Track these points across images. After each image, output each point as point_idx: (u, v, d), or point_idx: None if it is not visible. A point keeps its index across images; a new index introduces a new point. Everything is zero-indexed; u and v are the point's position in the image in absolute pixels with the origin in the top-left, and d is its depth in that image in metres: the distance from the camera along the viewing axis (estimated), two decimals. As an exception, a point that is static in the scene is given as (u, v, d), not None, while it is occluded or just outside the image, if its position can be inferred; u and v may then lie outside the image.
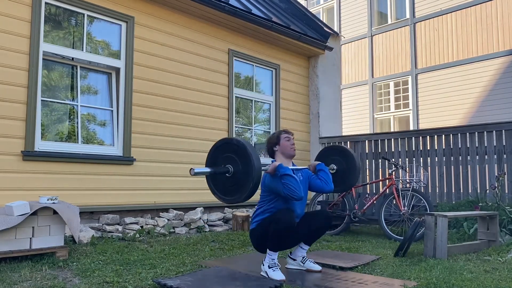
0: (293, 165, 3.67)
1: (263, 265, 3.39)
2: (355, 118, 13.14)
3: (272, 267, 3.33)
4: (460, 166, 6.24)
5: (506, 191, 5.71)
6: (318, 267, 3.57)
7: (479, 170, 6.06)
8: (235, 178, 3.12)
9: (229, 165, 3.13)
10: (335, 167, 4.04)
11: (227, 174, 3.15)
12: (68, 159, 4.93)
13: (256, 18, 6.80)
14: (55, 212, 3.77)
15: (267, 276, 3.29)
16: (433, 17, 11.60)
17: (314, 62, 8.32)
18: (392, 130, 12.22)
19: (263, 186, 3.51)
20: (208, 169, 3.18)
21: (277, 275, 3.27)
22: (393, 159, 6.76)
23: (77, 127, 5.26)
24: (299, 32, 7.58)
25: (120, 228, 5.14)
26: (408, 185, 5.82)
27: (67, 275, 3.25)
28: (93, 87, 5.51)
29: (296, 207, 3.50)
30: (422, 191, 6.12)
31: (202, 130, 6.36)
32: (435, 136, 6.53)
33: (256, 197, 3.55)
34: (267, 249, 3.40)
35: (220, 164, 3.18)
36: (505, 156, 5.85)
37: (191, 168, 3.04)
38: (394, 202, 5.58)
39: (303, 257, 3.63)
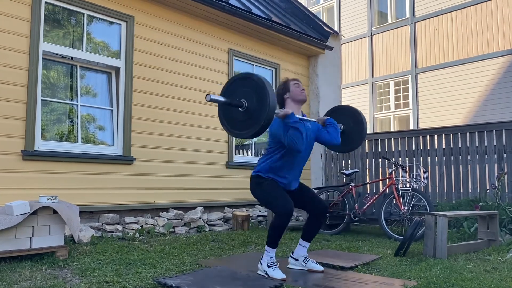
0: (303, 114, 3.64)
1: (261, 264, 3.37)
2: (355, 118, 13.11)
3: (271, 266, 3.31)
4: (460, 166, 6.24)
5: (506, 191, 5.71)
6: (320, 267, 3.56)
7: (479, 169, 6.06)
8: (247, 113, 3.09)
9: (244, 100, 3.11)
10: (342, 126, 4.00)
11: (240, 109, 3.13)
12: (68, 158, 4.92)
13: (256, 17, 6.80)
14: (55, 212, 3.76)
15: (266, 276, 3.27)
16: (433, 17, 11.60)
17: (314, 61, 8.32)
18: (392, 129, 12.21)
19: (270, 132, 3.51)
20: (223, 99, 3.15)
21: (278, 274, 3.24)
22: (393, 159, 6.76)
23: (77, 127, 5.26)
24: (299, 31, 7.57)
25: (120, 227, 5.14)
26: (408, 184, 5.82)
27: (67, 274, 3.25)
28: (93, 87, 5.51)
29: (295, 166, 3.50)
30: (422, 190, 6.12)
31: (202, 130, 6.36)
32: (435, 135, 6.53)
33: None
34: (265, 246, 3.39)
35: (236, 97, 3.15)
36: (505, 155, 5.85)
37: (207, 94, 3.03)
38: (394, 202, 5.58)
39: (305, 257, 3.62)
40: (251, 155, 7.36)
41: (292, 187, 3.56)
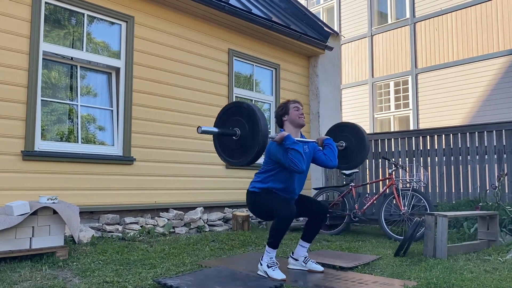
0: (302, 136, 3.65)
1: (261, 264, 3.38)
2: (355, 118, 13.13)
3: (271, 266, 3.31)
4: (460, 166, 6.24)
5: (506, 191, 5.71)
6: (321, 268, 3.56)
7: (479, 170, 6.06)
8: (241, 141, 3.16)
9: (237, 128, 3.17)
10: (344, 144, 3.99)
11: (234, 137, 3.19)
12: (68, 159, 4.92)
13: (256, 18, 6.80)
14: (55, 212, 3.76)
15: (266, 276, 3.28)
16: (433, 17, 11.60)
17: (314, 61, 8.32)
18: (392, 130, 12.21)
19: (268, 153, 3.50)
20: (215, 129, 3.21)
21: (278, 274, 3.25)
22: (393, 159, 6.76)
23: (77, 127, 5.26)
24: (299, 31, 7.57)
25: (120, 228, 5.14)
26: (408, 185, 5.82)
27: (67, 275, 3.25)
28: (93, 87, 5.51)
29: (295, 181, 3.49)
30: (422, 191, 6.12)
31: (202, 130, 6.35)
32: (435, 136, 6.53)
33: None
34: (266, 246, 3.39)
35: (228, 127, 3.21)
36: (505, 155, 5.85)
37: (199, 126, 3.07)
38: (394, 202, 5.58)
39: (305, 257, 3.62)
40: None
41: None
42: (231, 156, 3.27)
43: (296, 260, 3.65)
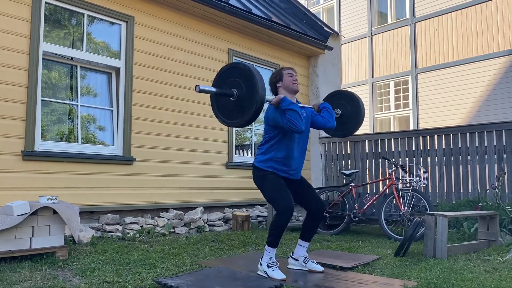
0: (297, 101, 3.66)
1: (261, 264, 3.38)
2: (355, 118, 13.12)
3: (271, 266, 3.31)
4: (460, 166, 6.24)
5: (506, 191, 5.71)
6: (320, 268, 3.56)
7: (479, 170, 6.06)
8: (238, 102, 3.20)
9: (235, 89, 3.21)
10: (340, 111, 4.06)
11: (231, 98, 3.23)
12: (68, 159, 4.92)
13: (256, 18, 6.80)
14: (55, 212, 3.77)
15: (266, 276, 3.28)
16: (433, 17, 11.59)
17: (314, 61, 8.32)
18: (392, 130, 12.21)
19: (266, 119, 3.53)
20: (213, 89, 3.26)
21: (278, 274, 3.25)
22: (393, 159, 6.76)
23: (77, 127, 5.26)
24: (299, 32, 7.57)
25: (120, 228, 5.14)
26: (408, 185, 5.81)
27: (67, 275, 3.25)
28: (93, 87, 5.51)
29: (296, 148, 3.51)
30: (422, 191, 6.12)
31: (202, 130, 6.36)
32: (435, 136, 6.53)
33: (255, 197, 3.55)
34: (266, 246, 3.40)
35: (226, 88, 3.26)
36: (505, 156, 5.85)
37: (197, 85, 3.12)
38: (394, 202, 5.58)
39: (305, 257, 3.62)
40: (251, 155, 7.36)
41: (294, 176, 3.55)
42: (228, 117, 3.32)
43: (296, 260, 3.65)
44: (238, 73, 3.21)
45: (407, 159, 6.76)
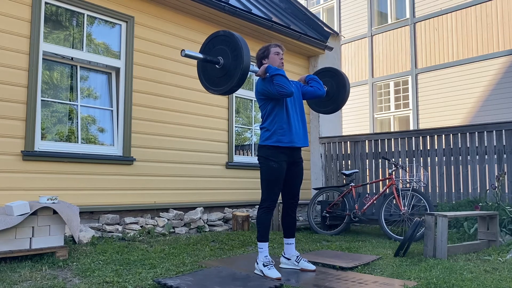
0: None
1: (257, 263, 3.41)
2: (355, 118, 13.14)
3: (267, 265, 3.34)
4: (460, 166, 6.25)
5: (506, 191, 5.71)
6: (313, 267, 3.57)
7: (479, 170, 6.06)
8: (224, 69, 3.31)
9: (220, 57, 3.32)
10: (326, 88, 4.18)
11: (217, 66, 3.34)
12: (68, 159, 4.92)
13: (256, 18, 6.80)
14: (55, 212, 3.77)
15: (262, 275, 3.30)
16: (433, 17, 11.60)
17: (314, 62, 8.32)
18: (392, 130, 12.21)
19: (257, 93, 3.58)
20: (199, 54, 3.35)
21: (273, 273, 3.27)
22: (393, 159, 6.76)
23: (77, 127, 5.26)
24: (299, 32, 7.57)
25: (120, 228, 5.14)
26: (408, 185, 5.82)
27: (67, 275, 3.25)
28: (93, 87, 5.51)
29: (295, 119, 3.55)
30: (422, 191, 6.13)
31: (202, 130, 6.36)
32: (435, 136, 6.53)
33: (255, 197, 3.56)
34: (258, 243, 3.48)
35: (213, 55, 3.36)
36: (505, 156, 5.85)
37: (182, 50, 3.22)
38: (394, 202, 5.58)
39: (297, 256, 3.64)
40: (251, 155, 7.36)
41: (296, 143, 3.55)
42: (213, 84, 3.41)
43: (289, 259, 3.67)
44: (225, 42, 3.30)
45: (407, 159, 6.76)
